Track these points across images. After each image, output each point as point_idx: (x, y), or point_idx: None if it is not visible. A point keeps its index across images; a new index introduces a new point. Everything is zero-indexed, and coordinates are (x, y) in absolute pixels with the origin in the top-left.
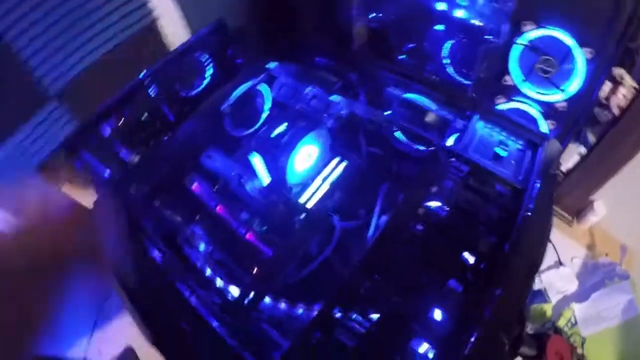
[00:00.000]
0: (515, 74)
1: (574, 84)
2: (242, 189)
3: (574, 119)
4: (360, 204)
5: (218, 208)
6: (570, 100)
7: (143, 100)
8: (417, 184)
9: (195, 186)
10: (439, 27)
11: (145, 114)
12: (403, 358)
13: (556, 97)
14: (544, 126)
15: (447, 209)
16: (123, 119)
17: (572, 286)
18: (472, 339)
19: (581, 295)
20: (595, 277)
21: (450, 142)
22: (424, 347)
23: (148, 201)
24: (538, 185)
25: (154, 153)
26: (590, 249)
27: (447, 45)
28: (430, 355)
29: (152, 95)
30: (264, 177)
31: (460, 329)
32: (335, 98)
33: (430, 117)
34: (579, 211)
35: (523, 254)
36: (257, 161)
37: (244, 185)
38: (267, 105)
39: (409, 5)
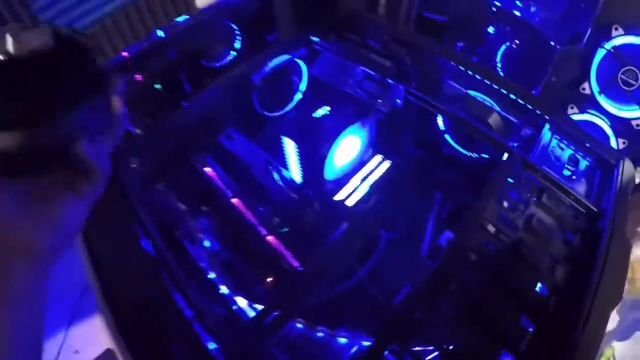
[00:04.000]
0: (594, 83)
1: None
2: (268, 178)
3: None
4: (399, 212)
5: (234, 199)
6: None
7: (159, 65)
8: (486, 196)
9: (208, 169)
10: (492, 29)
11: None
12: None
13: (634, 113)
14: (614, 144)
15: (518, 228)
16: (134, 82)
17: (611, 323)
18: None
19: (622, 333)
20: (636, 313)
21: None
22: None
23: (147, 181)
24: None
25: (164, 125)
26: (630, 283)
27: (502, 49)
28: None
29: (171, 60)
30: (296, 168)
31: None
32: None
33: (493, 119)
34: None
35: (605, 289)
36: (290, 147)
37: (271, 174)
38: (304, 84)
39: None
